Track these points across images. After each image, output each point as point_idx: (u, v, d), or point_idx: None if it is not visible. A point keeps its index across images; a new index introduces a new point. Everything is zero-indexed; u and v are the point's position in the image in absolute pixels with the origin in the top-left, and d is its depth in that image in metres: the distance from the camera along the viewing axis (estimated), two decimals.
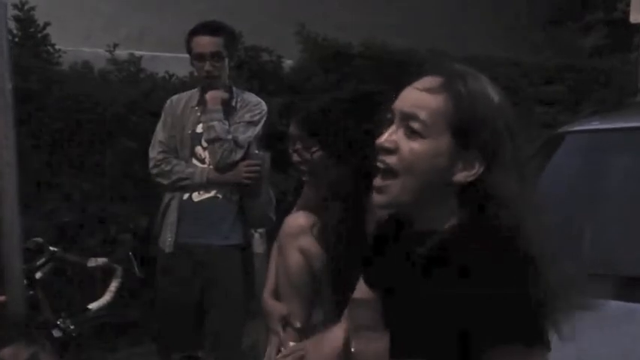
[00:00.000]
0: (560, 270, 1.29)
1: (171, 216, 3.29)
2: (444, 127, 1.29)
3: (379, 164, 1.33)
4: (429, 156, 1.29)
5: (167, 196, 3.33)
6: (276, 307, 2.33)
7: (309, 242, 2.22)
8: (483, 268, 1.23)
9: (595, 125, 2.91)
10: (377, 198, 1.36)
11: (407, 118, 1.31)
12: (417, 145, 1.30)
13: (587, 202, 2.61)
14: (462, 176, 1.30)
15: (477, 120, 1.29)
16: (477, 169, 1.30)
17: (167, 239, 3.29)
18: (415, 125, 1.30)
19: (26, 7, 4.74)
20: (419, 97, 1.31)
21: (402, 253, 1.38)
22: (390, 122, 1.34)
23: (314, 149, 2.10)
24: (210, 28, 3.27)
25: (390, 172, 1.32)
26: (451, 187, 1.32)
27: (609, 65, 6.94)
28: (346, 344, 1.55)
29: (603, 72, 6.73)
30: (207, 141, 3.26)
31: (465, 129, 1.29)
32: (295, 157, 2.18)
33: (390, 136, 1.32)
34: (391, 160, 1.32)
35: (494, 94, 1.33)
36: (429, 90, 1.31)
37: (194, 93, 3.39)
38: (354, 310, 1.54)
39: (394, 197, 1.33)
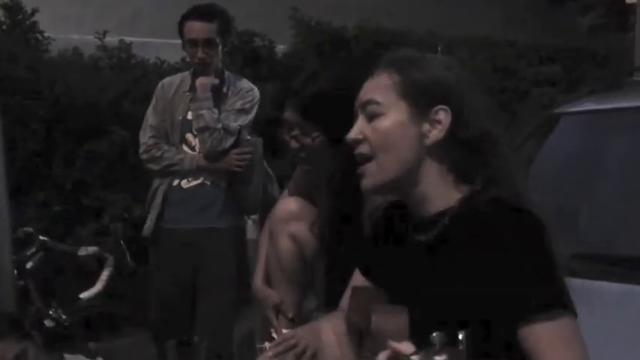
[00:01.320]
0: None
1: (156, 201, 3.27)
2: (397, 98, 1.36)
3: (356, 156, 1.39)
4: (392, 129, 1.35)
5: (156, 182, 3.31)
6: (268, 294, 2.31)
7: (300, 228, 2.20)
8: (500, 239, 1.25)
9: (590, 106, 2.89)
10: (363, 184, 1.39)
11: (364, 105, 1.39)
12: (379, 125, 1.36)
13: (583, 183, 2.59)
14: (433, 135, 1.34)
15: (425, 79, 1.35)
16: (444, 122, 1.34)
17: (147, 223, 3.27)
18: (372, 107, 1.37)
19: None
20: (369, 84, 1.40)
21: (409, 240, 1.39)
22: (356, 116, 1.41)
23: (315, 134, 2.05)
24: (203, 13, 3.21)
25: (365, 159, 1.38)
26: (434, 153, 1.34)
27: (606, 45, 6.89)
28: (348, 331, 1.53)
29: (600, 52, 6.69)
30: (196, 130, 3.22)
31: (416, 91, 1.35)
32: (293, 144, 2.11)
33: (356, 128, 1.39)
34: (363, 148, 1.38)
35: (433, 59, 1.41)
36: (375, 74, 1.40)
37: (186, 77, 3.34)
38: (358, 298, 1.51)
39: (376, 178, 1.37)
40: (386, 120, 1.35)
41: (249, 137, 3.27)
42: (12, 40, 4.51)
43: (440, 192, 1.35)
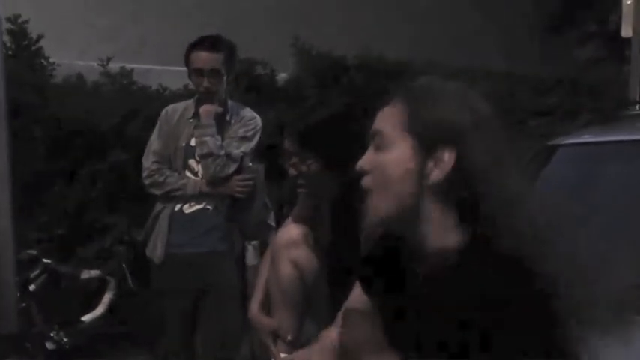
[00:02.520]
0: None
1: (163, 227, 3.29)
2: (403, 132, 1.33)
3: (361, 187, 1.37)
4: (395, 163, 1.33)
5: (158, 206, 3.34)
6: (264, 322, 2.34)
7: (300, 254, 2.24)
8: (492, 291, 1.22)
9: (587, 138, 2.93)
10: (367, 219, 1.38)
11: (373, 135, 1.37)
12: (383, 157, 1.34)
13: (579, 214, 2.62)
14: (435, 175, 1.31)
15: (436, 118, 1.32)
16: (447, 163, 1.30)
17: (157, 250, 3.29)
18: (378, 140, 1.35)
19: (19, 20, 4.76)
20: (382, 113, 1.38)
21: (403, 271, 1.38)
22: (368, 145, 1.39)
23: (309, 162, 2.12)
24: (210, 44, 3.27)
25: (368, 192, 1.36)
26: (435, 192, 1.31)
27: (602, 77, 6.97)
28: (340, 349, 1.55)
29: (596, 84, 6.77)
30: (199, 156, 3.26)
31: (424, 129, 1.32)
32: (291, 171, 2.20)
33: (365, 158, 1.38)
34: (367, 179, 1.36)
35: (451, 93, 1.36)
36: (387, 106, 1.38)
37: (189, 104, 3.39)
38: (350, 320, 1.54)
39: (377, 213, 1.35)
40: (390, 154, 1.33)
41: (250, 164, 3.32)
42: (18, 65, 4.57)
43: (439, 230, 1.32)
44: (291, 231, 2.30)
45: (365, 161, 1.37)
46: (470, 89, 1.38)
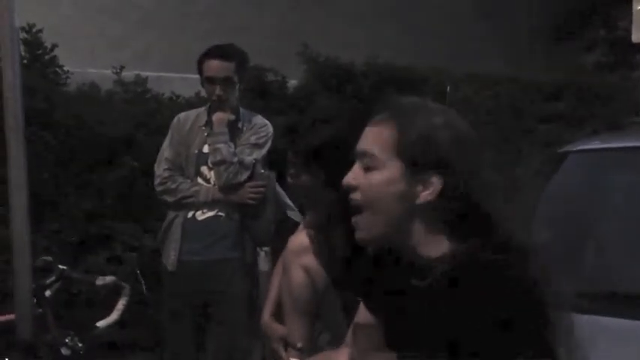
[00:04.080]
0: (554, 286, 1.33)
1: (175, 234, 3.32)
2: (392, 155, 1.37)
3: (350, 202, 1.40)
4: (384, 185, 1.36)
5: (171, 214, 3.37)
6: (274, 329, 2.36)
7: (312, 260, 2.25)
8: (486, 297, 1.26)
9: (597, 145, 2.94)
10: (356, 235, 1.42)
11: (361, 155, 1.40)
12: (372, 178, 1.38)
13: (588, 221, 2.63)
14: (424, 196, 1.35)
15: (423, 141, 1.35)
16: (435, 185, 1.34)
17: (170, 257, 3.32)
18: (367, 161, 1.38)
19: (34, 30, 4.80)
20: (369, 132, 1.41)
21: (399, 283, 1.41)
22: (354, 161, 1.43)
23: (308, 176, 2.15)
24: (223, 52, 3.30)
25: (357, 208, 1.40)
26: (424, 212, 1.35)
27: (610, 83, 6.97)
28: None
29: (604, 90, 6.76)
30: (213, 163, 3.29)
31: (413, 152, 1.35)
32: (290, 181, 2.23)
33: (352, 174, 1.40)
34: (356, 196, 1.39)
35: (438, 114, 1.39)
36: (375, 125, 1.40)
37: (201, 112, 3.42)
38: (358, 335, 1.56)
39: (367, 232, 1.39)
40: (379, 175, 1.37)
41: (262, 171, 3.34)
42: (31, 75, 4.61)
43: (430, 246, 1.36)
44: (303, 237, 2.32)
45: (352, 177, 1.40)
46: (453, 111, 1.42)
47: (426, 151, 1.35)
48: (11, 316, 2.43)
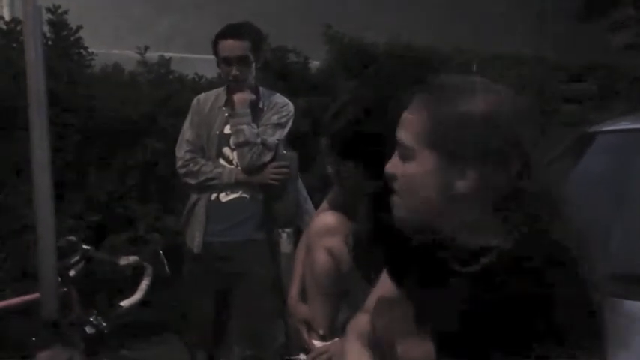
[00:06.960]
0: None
1: (199, 216, 3.31)
2: (427, 146, 1.34)
3: (390, 190, 1.41)
4: (419, 177, 1.35)
5: (194, 196, 3.36)
6: (299, 310, 2.35)
7: (336, 242, 2.23)
8: (531, 292, 1.24)
9: (625, 125, 2.89)
10: (394, 214, 1.42)
11: (399, 144, 1.39)
12: (408, 169, 1.36)
13: (617, 202, 2.59)
14: (461, 186, 1.32)
15: (457, 131, 1.31)
16: (473, 176, 1.31)
17: (195, 239, 3.32)
18: (402, 150, 1.37)
19: (59, 11, 4.82)
20: (405, 123, 1.38)
21: (438, 266, 1.38)
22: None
23: (346, 164, 2.10)
24: (236, 31, 3.26)
25: (396, 193, 1.40)
26: (463, 201, 1.31)
27: (638, 63, 6.86)
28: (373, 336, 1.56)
29: (632, 70, 6.66)
30: (235, 145, 3.27)
31: (447, 142, 1.32)
32: (328, 169, 2.19)
33: (392, 163, 1.41)
34: (395, 185, 1.40)
35: (477, 99, 1.32)
36: (411, 113, 1.37)
37: (220, 92, 3.39)
38: (383, 310, 1.54)
39: (403, 214, 1.39)
40: (414, 166, 1.35)
41: (284, 152, 3.32)
42: (56, 56, 4.63)
43: (473, 235, 1.32)
44: (327, 218, 2.30)
45: (391, 166, 1.40)
46: (501, 90, 1.35)
47: (462, 143, 1.30)
48: (36, 295, 2.45)
